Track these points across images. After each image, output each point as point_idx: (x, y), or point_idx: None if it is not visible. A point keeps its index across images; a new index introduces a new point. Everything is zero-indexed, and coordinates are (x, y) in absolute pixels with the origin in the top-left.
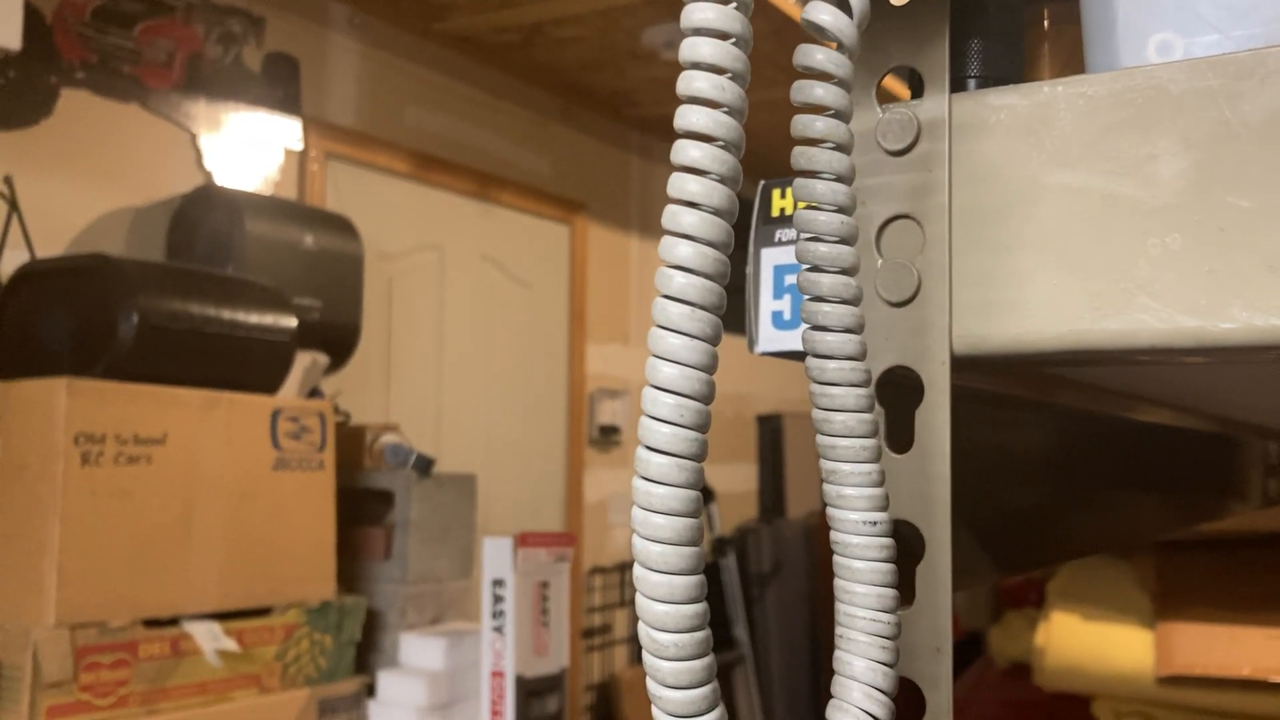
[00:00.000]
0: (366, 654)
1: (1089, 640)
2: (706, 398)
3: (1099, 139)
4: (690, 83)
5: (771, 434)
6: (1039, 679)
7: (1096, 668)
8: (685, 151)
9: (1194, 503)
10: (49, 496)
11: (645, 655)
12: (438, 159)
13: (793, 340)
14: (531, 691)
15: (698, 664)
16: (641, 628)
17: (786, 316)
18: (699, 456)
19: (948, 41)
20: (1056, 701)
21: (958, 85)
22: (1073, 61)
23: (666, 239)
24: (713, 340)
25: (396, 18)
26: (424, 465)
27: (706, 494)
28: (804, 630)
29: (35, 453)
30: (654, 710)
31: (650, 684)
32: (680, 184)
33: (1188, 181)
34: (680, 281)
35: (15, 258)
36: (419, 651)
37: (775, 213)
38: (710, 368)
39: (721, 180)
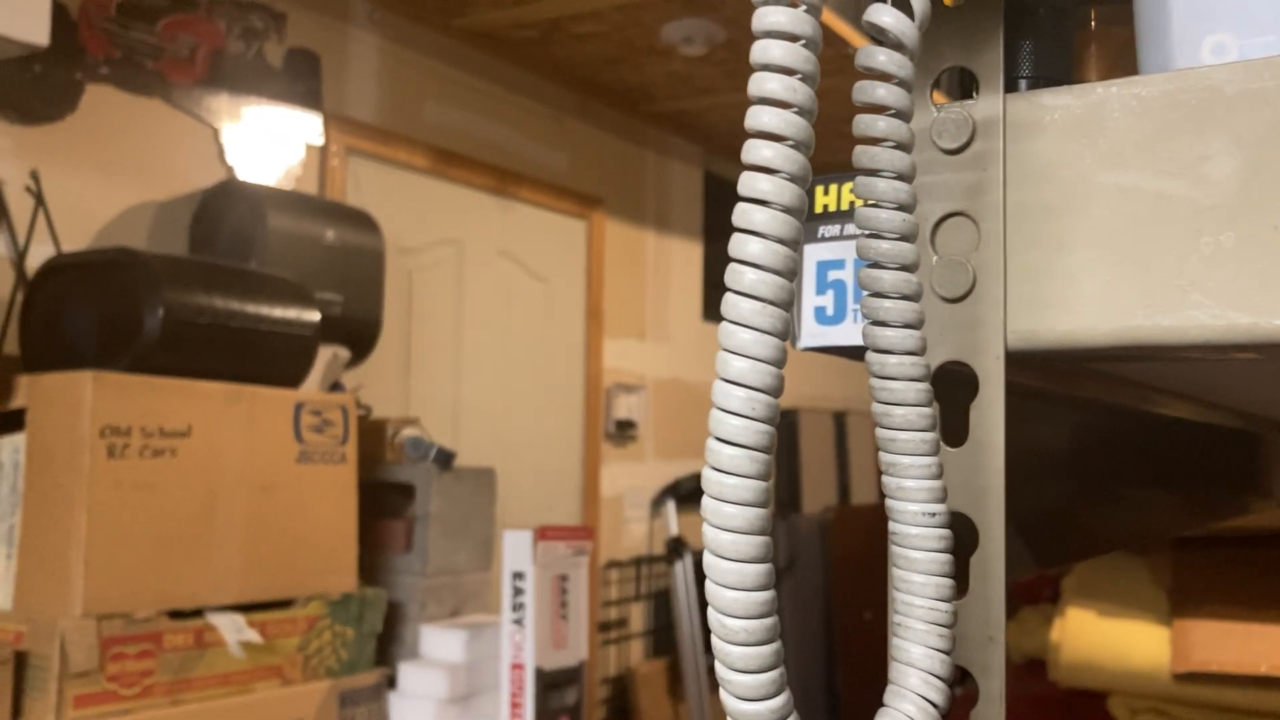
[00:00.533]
0: (387, 646)
1: (1104, 636)
2: (776, 391)
3: (1152, 139)
4: (762, 84)
5: (787, 429)
6: (1054, 675)
7: (1112, 664)
8: (757, 150)
9: (1216, 499)
10: (75, 488)
11: (714, 640)
12: (457, 154)
13: (835, 335)
14: (550, 684)
15: (766, 649)
16: (711, 613)
17: (829, 312)
18: (769, 449)
19: (1002, 43)
20: (1072, 698)
21: (1010, 86)
22: (1120, 62)
23: (737, 236)
24: (782, 335)
25: (416, 13)
26: (444, 459)
27: None
28: (819, 625)
29: (62, 445)
30: (722, 694)
31: (719, 668)
32: (751, 182)
33: (1241, 181)
34: (751, 278)
35: (41, 252)
36: (439, 643)
37: (819, 209)
38: (780, 362)
39: (791, 179)
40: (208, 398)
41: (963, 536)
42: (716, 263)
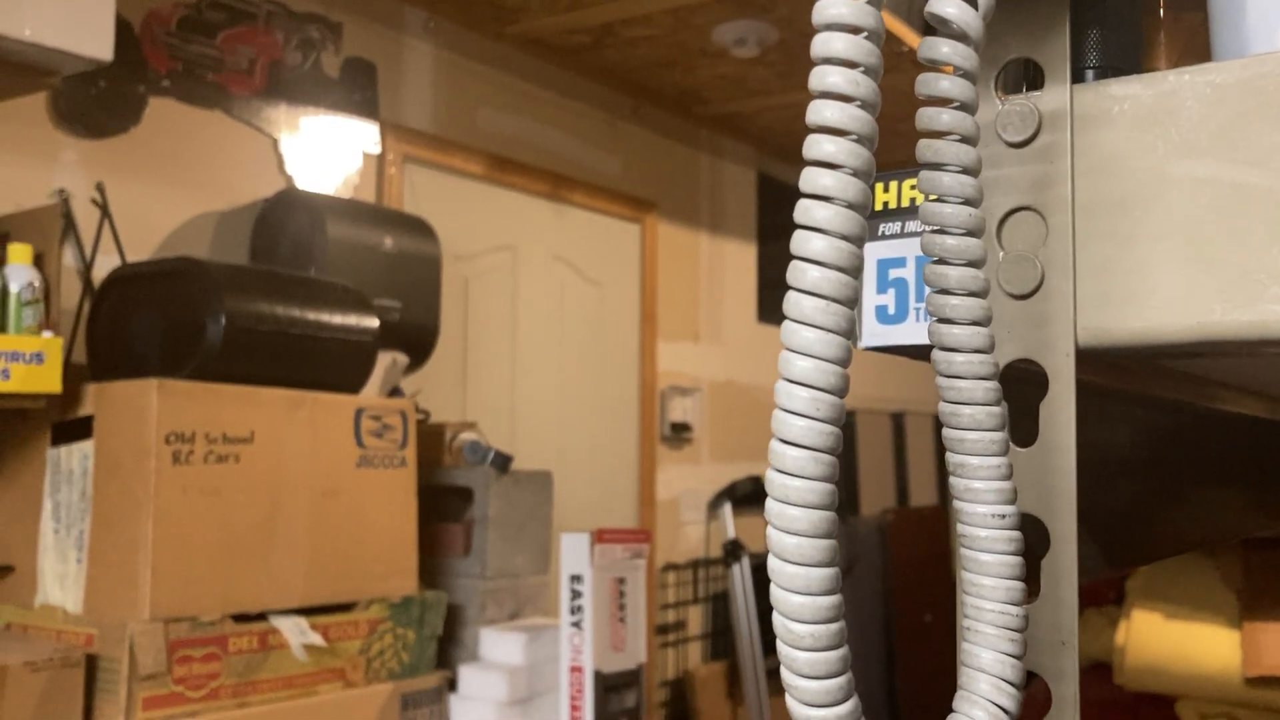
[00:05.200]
0: (447, 649)
1: (1171, 639)
2: (841, 391)
3: (1228, 128)
4: (824, 78)
5: (844, 430)
6: (1119, 678)
7: (1179, 667)
8: (819, 146)
9: None
10: (142, 494)
11: (780, 645)
12: (511, 160)
13: (897, 335)
14: (610, 687)
15: (834, 654)
16: (777, 618)
17: (891, 311)
18: (834, 450)
19: (1068, 32)
20: (1139, 701)
21: (1076, 76)
22: (1190, 49)
23: (799, 233)
24: (847, 334)
25: (470, 21)
26: (502, 462)
27: None
28: (879, 628)
29: (128, 452)
30: (789, 700)
31: (785, 673)
32: (814, 177)
33: None
34: (814, 275)
35: (107, 262)
36: (499, 646)
37: (879, 206)
38: (844, 361)
39: (855, 174)
40: (270, 404)
41: (1033, 538)
42: (771, 264)
